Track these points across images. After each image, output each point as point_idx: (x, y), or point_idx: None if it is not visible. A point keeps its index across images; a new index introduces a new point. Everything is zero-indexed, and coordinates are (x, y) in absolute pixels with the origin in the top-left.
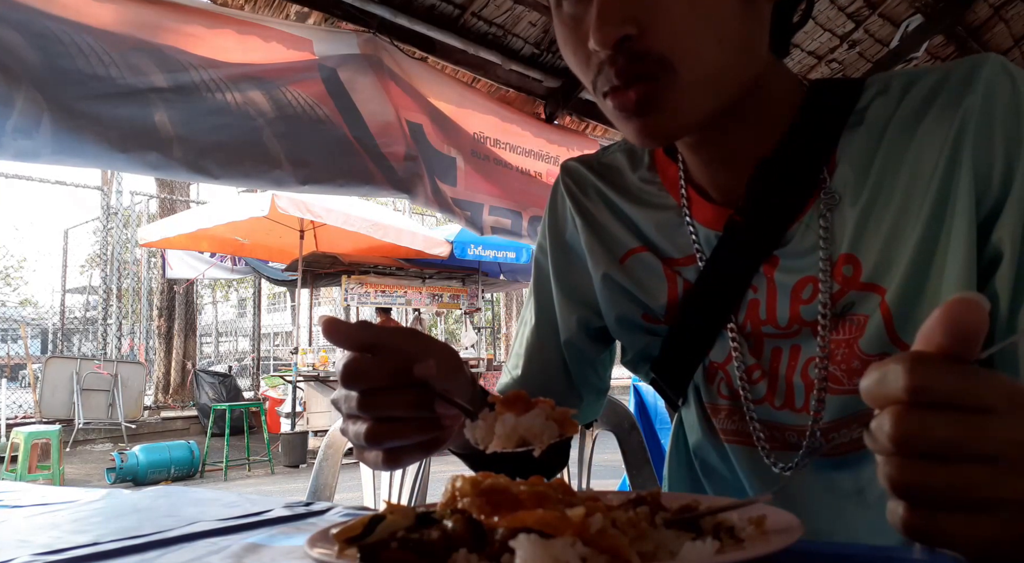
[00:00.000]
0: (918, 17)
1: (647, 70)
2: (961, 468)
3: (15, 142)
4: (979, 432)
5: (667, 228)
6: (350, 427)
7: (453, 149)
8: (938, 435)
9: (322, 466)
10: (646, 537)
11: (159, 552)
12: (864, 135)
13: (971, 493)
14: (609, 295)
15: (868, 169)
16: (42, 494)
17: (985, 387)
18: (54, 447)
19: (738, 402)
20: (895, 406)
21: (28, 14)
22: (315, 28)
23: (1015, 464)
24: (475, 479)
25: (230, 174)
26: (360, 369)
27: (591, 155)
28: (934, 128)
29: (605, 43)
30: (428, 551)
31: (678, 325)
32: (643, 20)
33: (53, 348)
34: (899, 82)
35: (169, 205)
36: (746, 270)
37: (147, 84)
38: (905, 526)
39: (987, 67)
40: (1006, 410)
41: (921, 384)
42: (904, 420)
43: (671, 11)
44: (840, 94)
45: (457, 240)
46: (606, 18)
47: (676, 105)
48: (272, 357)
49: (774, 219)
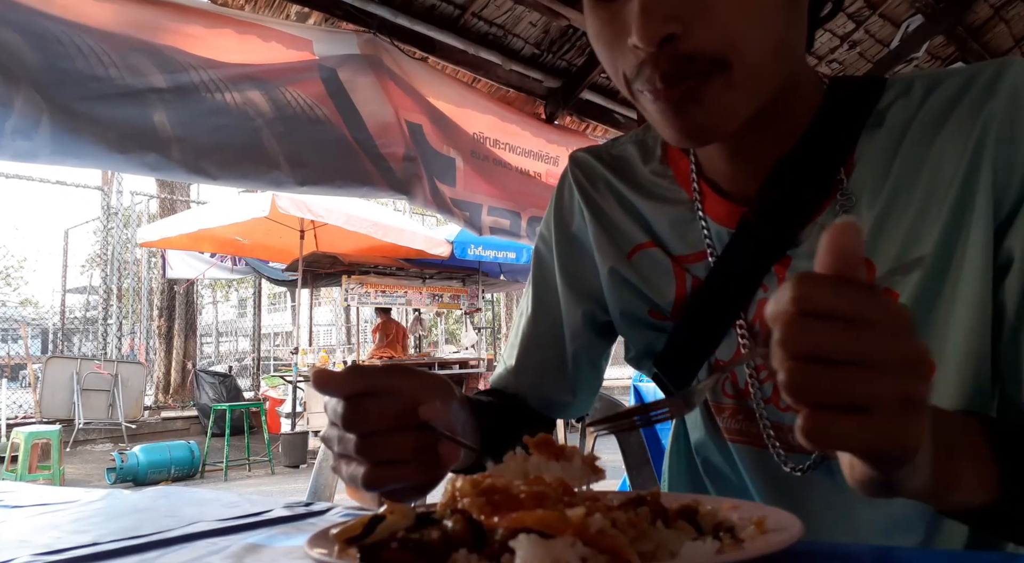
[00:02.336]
0: (918, 17)
1: (698, 69)
2: (841, 370)
3: (14, 143)
4: (856, 337)
5: (678, 223)
6: (343, 468)
7: (452, 149)
8: (817, 337)
9: (322, 466)
10: (646, 537)
11: (159, 552)
12: (884, 137)
13: (849, 393)
14: (615, 289)
15: (886, 172)
16: (42, 494)
17: (864, 300)
18: (54, 447)
19: (743, 401)
20: (784, 315)
21: (27, 14)
22: (315, 28)
23: (891, 366)
24: (475, 479)
25: (229, 175)
26: (360, 413)
27: (601, 146)
28: (955, 133)
29: (650, 40)
30: (428, 551)
31: (685, 322)
32: (688, 17)
33: (53, 348)
34: (921, 84)
35: (169, 205)
36: (757, 269)
37: (146, 85)
38: (802, 431)
39: (1011, 72)
40: (884, 321)
41: (803, 293)
42: (789, 325)
43: (719, 8)
44: (861, 93)
45: (457, 240)
46: (651, 13)
47: (725, 104)
48: (272, 357)
49: (789, 220)
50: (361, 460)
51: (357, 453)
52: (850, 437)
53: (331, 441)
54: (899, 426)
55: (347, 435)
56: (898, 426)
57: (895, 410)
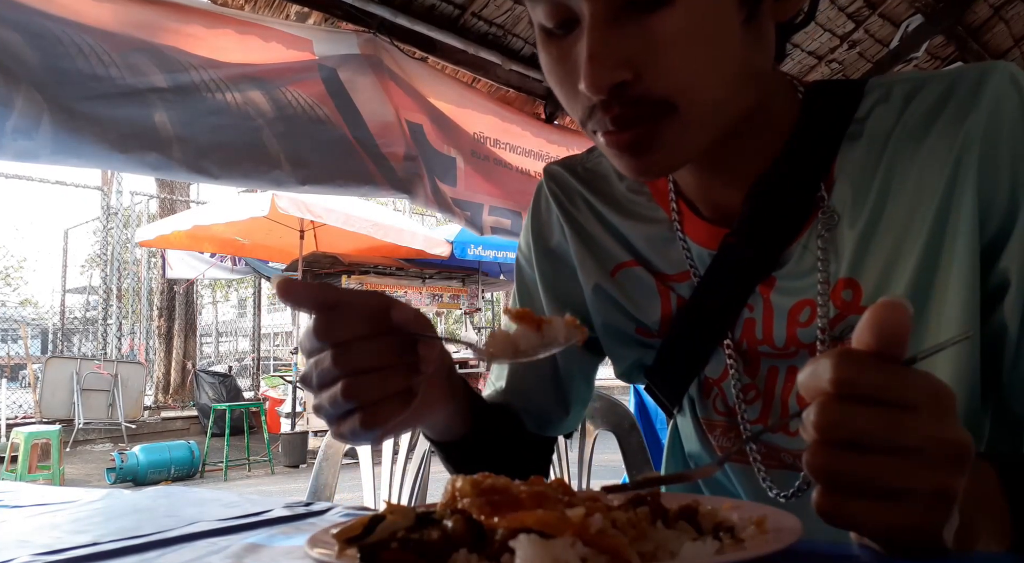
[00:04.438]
0: (918, 17)
1: (646, 112)
2: (875, 458)
3: (15, 142)
4: (896, 426)
5: (658, 242)
6: (324, 397)
7: (453, 149)
8: (856, 426)
9: (322, 466)
10: (646, 537)
11: (159, 552)
12: (864, 149)
13: (881, 482)
14: (600, 306)
15: (868, 187)
16: (42, 494)
17: (907, 384)
18: (54, 447)
19: (734, 419)
20: (822, 397)
21: (28, 14)
22: (315, 28)
23: (928, 458)
24: (475, 479)
25: (230, 174)
26: (333, 321)
27: (575, 158)
28: (937, 145)
29: (598, 89)
30: (428, 551)
31: (671, 341)
32: (639, 63)
33: (53, 348)
34: (901, 90)
35: (169, 205)
36: (742, 291)
37: (147, 84)
38: (817, 507)
39: (994, 79)
40: (925, 407)
41: (845, 377)
42: (826, 410)
43: (669, 50)
44: (838, 101)
45: (457, 240)
46: (598, 61)
47: (675, 142)
48: (272, 357)
49: (771, 242)
50: (338, 376)
51: (334, 366)
52: (873, 522)
53: (309, 375)
54: (927, 518)
55: (322, 356)
56: (926, 518)
57: (926, 503)
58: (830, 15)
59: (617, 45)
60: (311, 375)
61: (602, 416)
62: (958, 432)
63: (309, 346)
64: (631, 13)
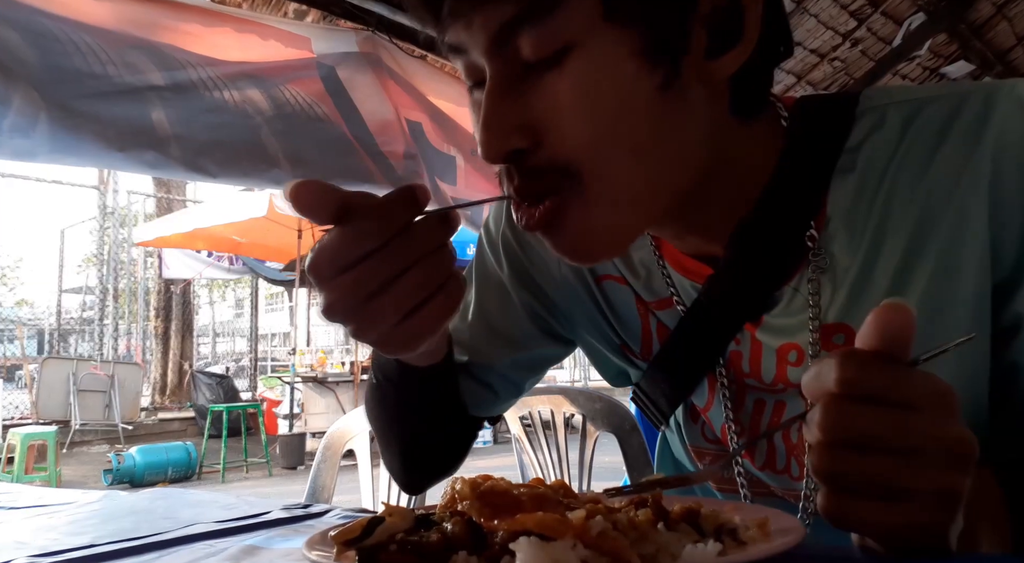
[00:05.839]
0: (921, 15)
1: (552, 183)
2: (878, 459)
3: (12, 141)
4: (901, 426)
5: (638, 268)
6: (366, 313)
7: (453, 148)
8: (860, 426)
9: (320, 468)
10: (647, 539)
11: (156, 554)
12: (858, 183)
13: (885, 483)
14: (583, 310)
15: (863, 226)
16: (39, 496)
17: (912, 384)
18: (51, 448)
19: (723, 448)
20: (826, 397)
21: (25, 12)
22: (313, 26)
23: (933, 458)
24: (475, 481)
25: (228, 173)
26: (366, 227)
27: None
28: (940, 179)
29: (493, 158)
30: (427, 553)
31: (656, 367)
32: (537, 129)
33: (49, 349)
34: (898, 114)
35: (166, 204)
36: (729, 328)
37: (145, 82)
38: (822, 509)
39: (1001, 105)
40: (929, 407)
41: (850, 377)
42: (831, 410)
43: (564, 114)
44: (828, 129)
45: (457, 240)
46: (492, 128)
47: (587, 224)
48: (270, 358)
49: (759, 286)
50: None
51: (370, 276)
52: (878, 523)
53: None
54: (931, 519)
55: (351, 275)
56: (930, 519)
57: (930, 503)
58: (832, 13)
59: (511, 110)
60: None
61: (603, 418)
62: (962, 432)
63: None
64: (530, 74)
